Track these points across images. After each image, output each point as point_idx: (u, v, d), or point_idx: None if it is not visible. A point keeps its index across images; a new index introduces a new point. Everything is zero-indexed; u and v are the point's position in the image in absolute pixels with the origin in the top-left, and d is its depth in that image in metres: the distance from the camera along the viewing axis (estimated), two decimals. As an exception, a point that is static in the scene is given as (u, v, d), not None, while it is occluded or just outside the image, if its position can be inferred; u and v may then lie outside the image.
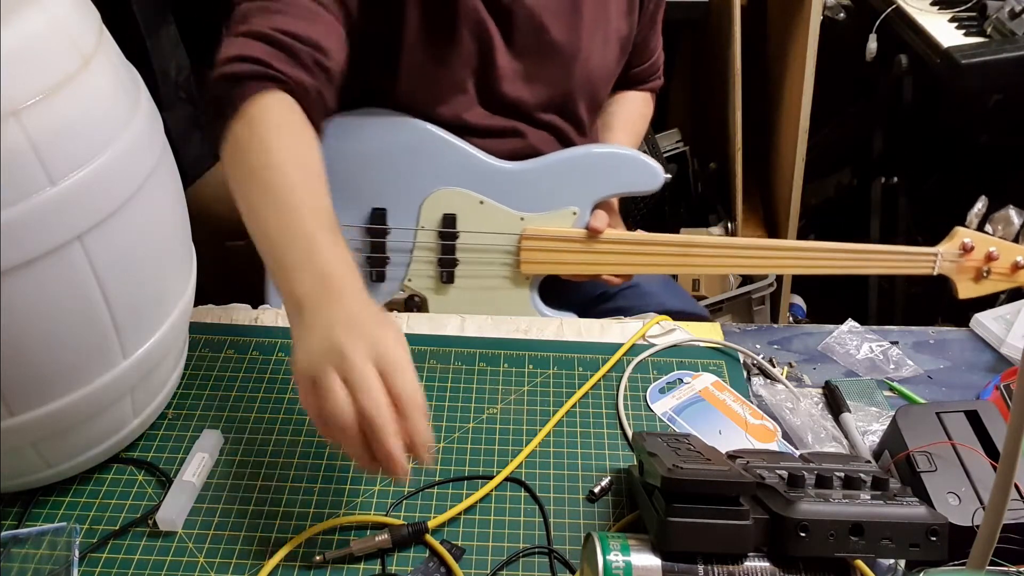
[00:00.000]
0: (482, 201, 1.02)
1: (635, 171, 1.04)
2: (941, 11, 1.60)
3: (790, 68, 1.71)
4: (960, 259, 1.06)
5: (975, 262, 1.06)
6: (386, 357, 0.59)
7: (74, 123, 0.56)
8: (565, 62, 1.01)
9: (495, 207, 1.02)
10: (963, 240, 1.05)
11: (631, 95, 1.21)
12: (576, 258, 1.04)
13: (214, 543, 0.68)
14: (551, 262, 1.04)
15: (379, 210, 1.01)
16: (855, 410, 0.80)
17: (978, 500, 0.65)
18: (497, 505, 0.71)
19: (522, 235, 1.03)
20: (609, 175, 1.04)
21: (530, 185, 1.03)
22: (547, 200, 1.03)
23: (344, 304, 0.63)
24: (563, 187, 1.03)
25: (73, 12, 0.58)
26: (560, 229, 1.03)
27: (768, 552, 0.58)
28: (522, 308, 1.06)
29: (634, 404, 0.81)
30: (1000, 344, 0.89)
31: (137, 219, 0.62)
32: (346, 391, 0.57)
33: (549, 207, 1.03)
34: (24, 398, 0.61)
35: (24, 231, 0.54)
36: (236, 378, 0.82)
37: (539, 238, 1.03)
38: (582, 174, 1.03)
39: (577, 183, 1.03)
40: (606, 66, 1.07)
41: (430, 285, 1.05)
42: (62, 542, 0.66)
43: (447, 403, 0.80)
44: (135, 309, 0.65)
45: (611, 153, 1.05)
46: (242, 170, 0.72)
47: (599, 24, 1.03)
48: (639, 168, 1.04)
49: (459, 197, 1.02)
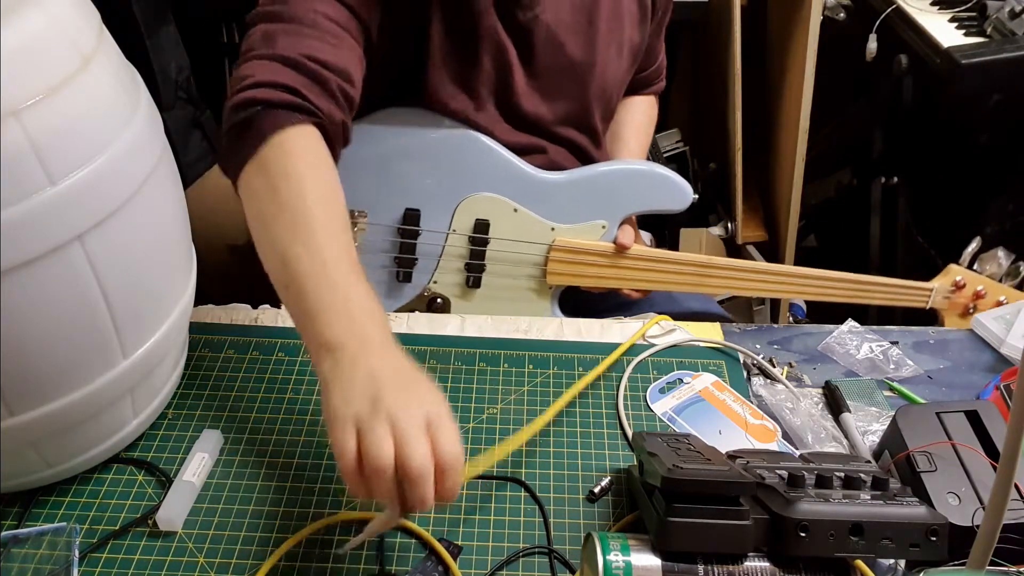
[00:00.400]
0: (516, 209, 1.02)
1: (666, 190, 1.05)
2: (941, 11, 1.60)
3: (790, 68, 1.71)
4: (952, 295, 1.12)
5: (964, 299, 1.12)
6: (437, 416, 0.59)
7: (74, 123, 0.56)
8: (582, 76, 1.02)
9: (528, 216, 1.03)
10: (955, 278, 1.11)
11: (637, 100, 1.21)
12: (600, 271, 1.06)
13: (214, 543, 0.68)
14: (576, 274, 1.05)
15: (413, 211, 1.01)
16: (855, 410, 0.80)
17: (978, 500, 0.65)
18: (497, 505, 0.71)
19: (552, 246, 1.04)
20: (640, 192, 1.05)
21: (563, 196, 1.03)
22: (578, 212, 1.03)
23: (387, 358, 0.63)
24: (595, 201, 1.04)
25: (73, 12, 0.58)
26: (588, 242, 1.04)
27: (768, 552, 0.58)
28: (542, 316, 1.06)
29: (634, 404, 0.81)
30: (1000, 344, 0.89)
31: (137, 219, 0.62)
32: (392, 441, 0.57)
33: (579, 219, 1.04)
34: (24, 398, 0.61)
35: (24, 231, 0.54)
36: (236, 378, 0.82)
37: (567, 250, 1.04)
38: (615, 189, 1.04)
39: (609, 197, 1.04)
40: (619, 75, 1.07)
41: (455, 289, 1.05)
42: (62, 542, 0.66)
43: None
44: (135, 309, 0.65)
45: (645, 171, 1.06)
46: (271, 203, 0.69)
47: (614, 35, 1.03)
48: (670, 187, 1.05)
49: (494, 203, 1.02)
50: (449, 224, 1.02)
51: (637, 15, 1.06)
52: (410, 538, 0.68)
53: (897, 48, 1.62)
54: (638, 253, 1.05)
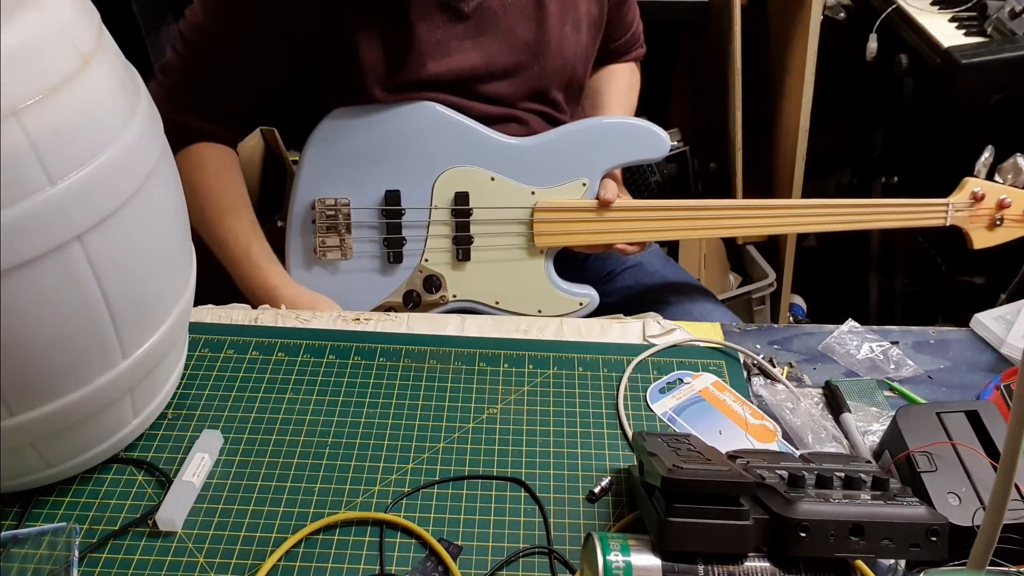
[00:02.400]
0: (493, 178, 1.03)
1: (642, 139, 1.05)
2: (941, 11, 1.60)
3: (790, 68, 1.71)
4: (971, 208, 1.04)
5: (987, 211, 1.04)
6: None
7: (74, 123, 0.56)
8: (536, 57, 1.04)
9: (506, 183, 1.04)
10: (973, 189, 1.03)
11: (617, 68, 1.23)
12: (589, 228, 1.05)
13: (214, 543, 0.68)
14: (564, 233, 1.05)
15: (392, 192, 1.03)
16: (855, 410, 0.80)
17: (978, 500, 0.65)
18: (497, 505, 0.71)
19: (534, 208, 1.04)
20: (617, 145, 1.05)
21: (540, 159, 1.04)
22: (557, 173, 1.04)
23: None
24: (572, 159, 1.04)
25: (73, 12, 0.58)
26: (571, 201, 1.04)
27: (768, 552, 0.58)
28: (538, 282, 1.07)
29: (634, 404, 0.81)
30: (1000, 344, 0.89)
31: (137, 219, 0.62)
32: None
33: (559, 180, 1.04)
34: (24, 398, 0.61)
35: (24, 231, 0.54)
36: (236, 378, 0.82)
37: (551, 210, 1.04)
38: (590, 145, 1.04)
39: (586, 155, 1.04)
40: (580, 50, 1.09)
41: (447, 264, 1.06)
42: (62, 542, 0.66)
43: (447, 403, 0.80)
44: (135, 309, 0.65)
45: (617, 123, 1.06)
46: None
47: (567, 12, 1.05)
48: (645, 136, 1.05)
49: (470, 175, 1.03)
50: (430, 200, 1.03)
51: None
52: (410, 538, 0.68)
53: (897, 48, 1.62)
54: (624, 206, 1.05)
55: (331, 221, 1.04)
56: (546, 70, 1.05)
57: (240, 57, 0.98)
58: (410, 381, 0.83)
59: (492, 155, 1.03)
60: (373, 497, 0.71)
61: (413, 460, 0.75)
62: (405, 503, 0.71)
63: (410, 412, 0.79)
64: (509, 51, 1.02)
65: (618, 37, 1.19)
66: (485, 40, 1.01)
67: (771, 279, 1.79)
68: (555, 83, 1.07)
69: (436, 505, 0.71)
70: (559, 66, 1.06)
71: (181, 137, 0.98)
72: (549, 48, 1.04)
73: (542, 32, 1.03)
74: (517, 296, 1.07)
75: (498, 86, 1.03)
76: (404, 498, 0.71)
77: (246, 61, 0.98)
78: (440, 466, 0.74)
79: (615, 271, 1.21)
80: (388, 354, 0.85)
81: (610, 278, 1.21)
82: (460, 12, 0.98)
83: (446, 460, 0.75)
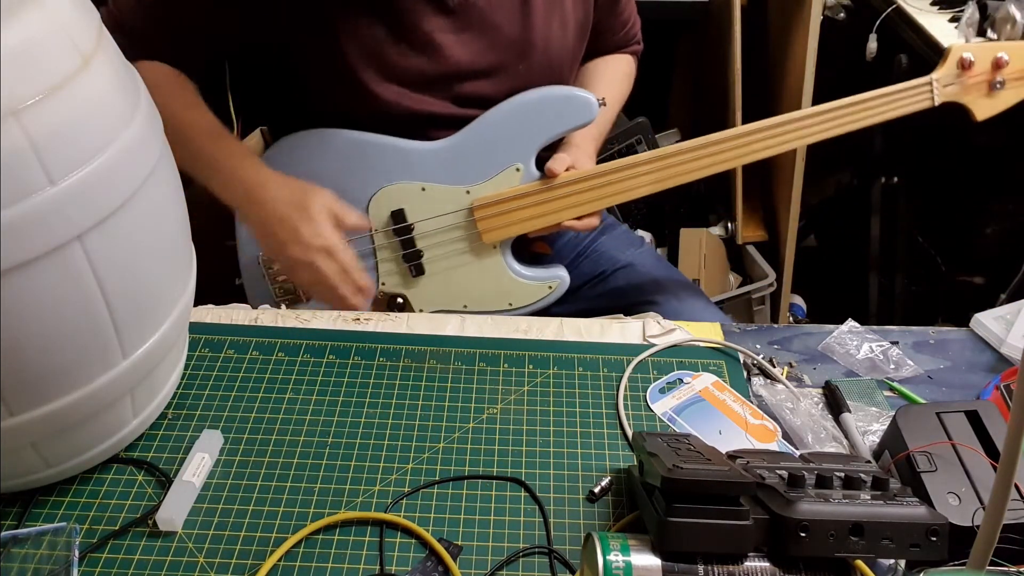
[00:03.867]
0: (424, 187, 1.01)
1: (566, 107, 1.01)
2: (941, 11, 1.60)
3: (790, 68, 1.71)
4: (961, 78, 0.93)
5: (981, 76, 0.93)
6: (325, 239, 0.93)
7: (74, 123, 0.56)
8: (522, 56, 1.02)
9: (438, 188, 1.01)
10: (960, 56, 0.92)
11: (611, 57, 1.21)
12: (534, 212, 1.01)
13: (214, 543, 0.68)
14: (511, 223, 1.02)
15: None
16: (855, 410, 0.80)
17: (978, 500, 0.65)
18: (497, 505, 0.71)
19: (472, 207, 1.01)
20: (541, 120, 1.01)
21: (465, 156, 1.01)
22: (486, 166, 1.01)
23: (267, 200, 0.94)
24: (499, 147, 1.01)
25: (73, 12, 0.58)
26: (509, 190, 1.01)
27: (768, 552, 0.58)
28: (500, 276, 1.05)
29: (634, 404, 0.81)
30: (1000, 344, 0.89)
31: (137, 219, 0.62)
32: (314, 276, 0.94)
33: (490, 172, 1.01)
34: (24, 398, 0.61)
35: (24, 231, 0.54)
36: (236, 378, 0.82)
37: (490, 204, 1.01)
38: (513, 128, 1.01)
39: (510, 139, 1.01)
40: (566, 49, 1.07)
41: (404, 283, 1.05)
42: (62, 542, 0.66)
43: (447, 403, 0.80)
44: (135, 309, 0.65)
45: (537, 98, 1.02)
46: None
47: (554, 10, 1.03)
48: (569, 103, 1.01)
49: (400, 191, 1.01)
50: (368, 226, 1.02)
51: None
52: (410, 538, 0.68)
53: (897, 48, 1.62)
54: (567, 179, 1.01)
55: (280, 272, 1.03)
56: (532, 70, 1.03)
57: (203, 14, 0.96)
58: (410, 381, 0.83)
59: (416, 165, 1.01)
60: (373, 497, 0.71)
61: (413, 460, 0.75)
62: (405, 503, 0.71)
63: (410, 412, 0.79)
64: (493, 49, 1.00)
65: (614, 33, 1.18)
66: (469, 36, 0.99)
67: (771, 279, 1.79)
68: (540, 84, 1.04)
69: (436, 505, 0.71)
70: (545, 66, 1.04)
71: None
72: (535, 47, 1.02)
73: (528, 30, 1.01)
74: (483, 296, 1.05)
75: (481, 85, 1.02)
76: (404, 498, 0.71)
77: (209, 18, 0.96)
78: (440, 466, 0.74)
79: (606, 272, 1.19)
80: (388, 354, 0.85)
81: (601, 279, 1.20)
82: (444, 5, 0.97)
83: (446, 460, 0.75)
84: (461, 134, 1.01)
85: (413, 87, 0.99)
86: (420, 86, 1.00)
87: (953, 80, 0.94)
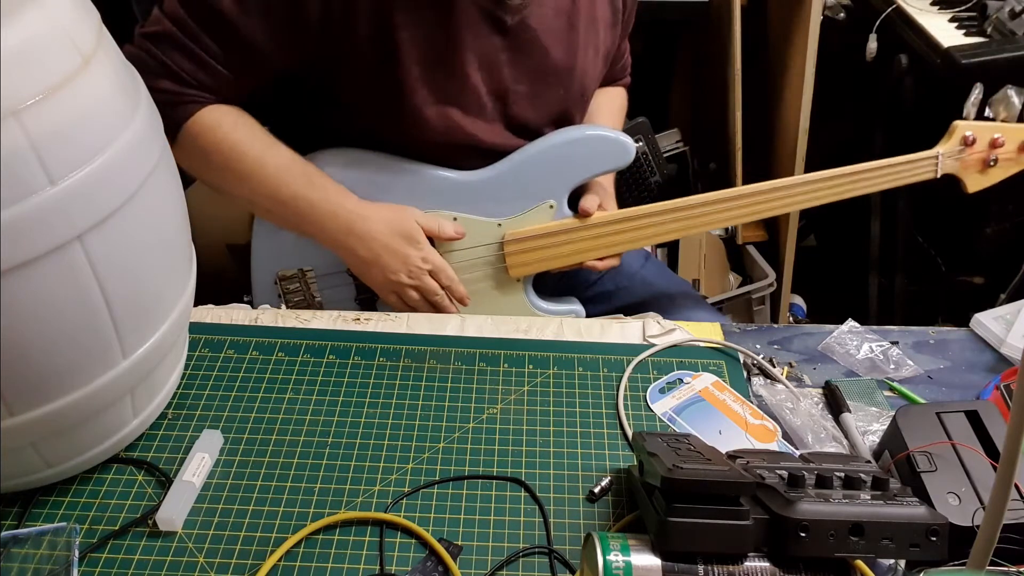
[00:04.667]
0: (455, 217, 1.01)
1: (603, 149, 1.02)
2: (941, 11, 1.60)
3: (790, 68, 1.71)
4: (963, 154, 1.00)
5: (979, 153, 1.01)
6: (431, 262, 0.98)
7: (74, 123, 0.56)
8: (565, 80, 1.02)
9: (470, 220, 1.01)
10: (964, 134, 0.99)
11: (609, 89, 1.22)
12: (564, 250, 1.03)
13: (214, 543, 0.68)
14: (539, 260, 1.03)
15: None
16: (855, 410, 0.80)
17: (978, 500, 0.65)
18: (497, 505, 0.71)
19: (503, 241, 1.02)
20: (578, 160, 1.01)
21: (499, 190, 1.01)
22: (520, 201, 1.01)
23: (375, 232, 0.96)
24: (533, 184, 1.01)
25: (73, 12, 0.58)
26: (540, 226, 1.02)
27: (768, 552, 0.58)
28: (520, 309, 1.06)
29: (634, 404, 0.81)
30: (1000, 344, 0.89)
31: (137, 219, 0.62)
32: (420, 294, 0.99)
33: (524, 207, 1.02)
34: (24, 398, 0.61)
35: (24, 231, 0.54)
36: (236, 378, 0.82)
37: (522, 239, 1.02)
38: (551, 165, 1.01)
39: (546, 177, 1.01)
40: (595, 78, 1.08)
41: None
42: (62, 542, 0.66)
43: (447, 403, 0.80)
44: (135, 309, 0.65)
45: (577, 138, 1.02)
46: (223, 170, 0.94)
47: (590, 39, 1.04)
48: (607, 146, 1.02)
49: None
50: None
51: (609, 19, 1.07)
52: (410, 538, 0.68)
53: (897, 48, 1.62)
54: (597, 220, 1.02)
55: (296, 292, 1.03)
56: (570, 96, 1.03)
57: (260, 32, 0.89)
58: (410, 381, 0.83)
59: (450, 194, 1.00)
60: (373, 497, 0.71)
61: (413, 460, 0.75)
62: (405, 503, 0.71)
63: (410, 412, 0.79)
64: (538, 71, 1.00)
65: (615, 63, 1.19)
66: (521, 58, 0.98)
67: (771, 279, 1.79)
68: (576, 108, 1.06)
69: (436, 505, 0.71)
70: (579, 93, 1.05)
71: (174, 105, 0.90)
72: (575, 73, 1.02)
73: (571, 57, 1.01)
74: None
75: (524, 108, 1.01)
76: (404, 498, 0.71)
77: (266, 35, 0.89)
78: (440, 466, 0.74)
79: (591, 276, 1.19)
80: (388, 354, 0.85)
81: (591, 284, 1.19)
82: (502, 24, 0.95)
83: (446, 460, 0.75)
84: (498, 166, 1.01)
85: (465, 109, 0.97)
86: (472, 108, 0.98)
87: (956, 155, 1.01)
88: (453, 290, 1.00)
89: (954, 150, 1.01)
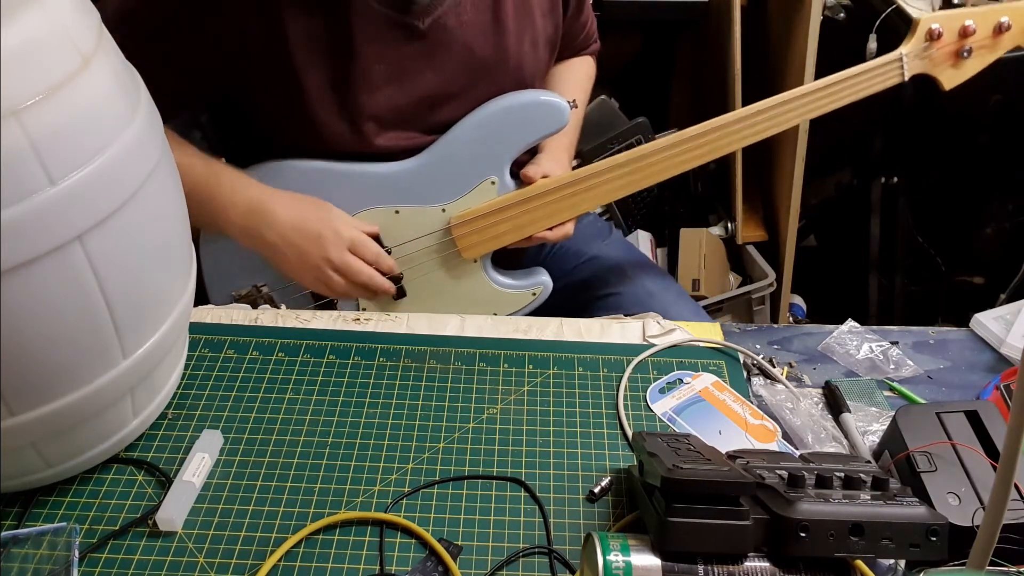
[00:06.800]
0: (397, 210, 0.99)
1: (536, 114, 0.98)
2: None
3: (790, 68, 1.71)
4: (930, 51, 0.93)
5: (949, 46, 0.93)
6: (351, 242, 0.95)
7: (74, 123, 0.56)
8: (496, 76, 1.00)
9: (412, 210, 0.99)
10: (929, 27, 0.91)
11: (571, 60, 1.20)
12: (512, 224, 0.99)
13: (214, 543, 0.68)
14: (490, 238, 1.00)
15: None
16: (855, 410, 0.80)
17: (978, 500, 0.65)
18: (497, 505, 0.71)
19: (450, 225, 0.99)
20: (508, 132, 0.98)
21: (437, 175, 0.99)
22: (460, 182, 0.99)
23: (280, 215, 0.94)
24: (469, 163, 0.98)
25: (73, 12, 0.58)
26: (485, 204, 0.99)
27: (768, 552, 0.58)
28: (482, 289, 1.03)
29: (634, 404, 0.81)
30: (1000, 344, 0.89)
31: (137, 219, 0.62)
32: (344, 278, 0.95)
33: (465, 188, 0.99)
34: (24, 398, 0.61)
35: (24, 231, 0.54)
36: (236, 378, 0.82)
37: (468, 220, 0.99)
38: (482, 143, 0.98)
39: (481, 153, 0.98)
40: (537, 67, 1.05)
41: (385, 306, 1.03)
42: (62, 542, 0.66)
43: (447, 403, 0.80)
44: (135, 309, 0.65)
45: (505, 107, 0.98)
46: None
47: (525, 30, 1.01)
48: (533, 110, 0.98)
49: (372, 216, 0.99)
50: None
51: (546, 5, 1.03)
52: (410, 538, 0.68)
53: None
54: (542, 187, 0.98)
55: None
56: (506, 89, 1.00)
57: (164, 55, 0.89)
58: (410, 381, 0.83)
59: (388, 188, 0.98)
60: (373, 497, 0.71)
61: (413, 460, 0.75)
62: (405, 503, 0.71)
63: (410, 412, 0.79)
64: (464, 71, 0.97)
65: (575, 38, 1.16)
66: (440, 60, 0.95)
67: (771, 279, 1.79)
68: None
69: (436, 505, 0.71)
70: (517, 85, 1.01)
71: None
72: (507, 67, 1.00)
73: (501, 50, 0.98)
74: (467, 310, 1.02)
75: (451, 110, 0.98)
76: (404, 498, 0.71)
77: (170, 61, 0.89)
78: (440, 466, 0.74)
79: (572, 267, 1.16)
80: (388, 354, 0.85)
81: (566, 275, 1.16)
82: (415, 30, 0.92)
83: (446, 460, 0.75)
84: (429, 152, 0.98)
85: (380, 123, 0.96)
86: (388, 122, 0.96)
87: (922, 53, 0.93)
88: (380, 263, 0.97)
89: (919, 48, 0.93)
